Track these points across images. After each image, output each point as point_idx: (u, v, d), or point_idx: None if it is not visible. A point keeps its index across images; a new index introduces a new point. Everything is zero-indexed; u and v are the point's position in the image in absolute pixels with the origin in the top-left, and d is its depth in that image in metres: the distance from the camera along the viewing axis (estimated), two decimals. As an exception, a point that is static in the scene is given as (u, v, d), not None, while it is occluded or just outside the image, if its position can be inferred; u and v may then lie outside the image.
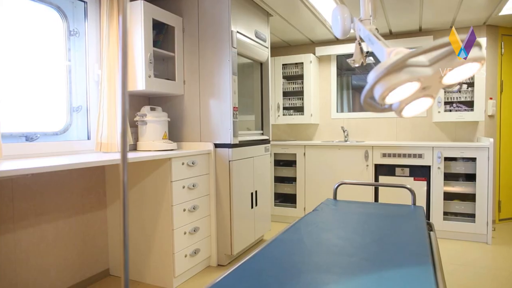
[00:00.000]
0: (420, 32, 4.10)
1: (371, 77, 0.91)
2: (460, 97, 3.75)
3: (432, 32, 4.05)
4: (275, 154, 4.20)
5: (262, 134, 3.46)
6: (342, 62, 4.52)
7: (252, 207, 3.13)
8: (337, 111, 4.47)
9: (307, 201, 4.04)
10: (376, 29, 1.62)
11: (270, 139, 3.50)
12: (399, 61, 0.85)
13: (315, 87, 4.39)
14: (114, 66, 2.52)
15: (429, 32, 4.06)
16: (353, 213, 2.13)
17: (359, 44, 1.70)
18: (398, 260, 1.37)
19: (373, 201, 3.75)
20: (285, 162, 4.27)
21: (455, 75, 0.95)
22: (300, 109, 4.40)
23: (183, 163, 2.55)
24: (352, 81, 4.52)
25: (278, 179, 4.27)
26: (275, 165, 4.24)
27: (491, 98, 3.91)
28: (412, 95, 0.98)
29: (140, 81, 2.58)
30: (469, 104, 3.70)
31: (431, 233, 1.89)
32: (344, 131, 4.27)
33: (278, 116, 4.39)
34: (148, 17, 2.58)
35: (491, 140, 3.30)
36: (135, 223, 2.61)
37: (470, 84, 3.70)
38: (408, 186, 2.33)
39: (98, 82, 2.60)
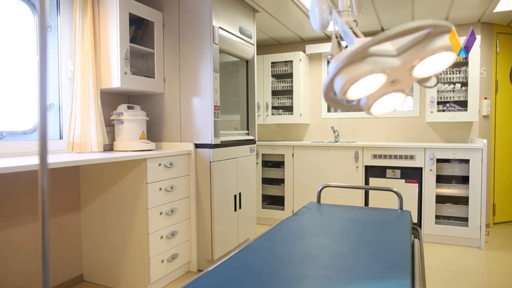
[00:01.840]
0: (413, 29, 3.97)
1: (331, 68, 0.79)
2: (453, 97, 3.63)
3: (425, 29, 3.93)
4: (262, 155, 4.08)
5: (248, 134, 3.34)
6: (333, 61, 4.39)
7: (235, 209, 3.01)
8: (327, 111, 4.35)
9: (295, 203, 3.91)
10: (355, 21, 1.51)
11: (256, 140, 3.38)
12: (360, 49, 0.73)
13: (305, 86, 4.27)
14: (87, 62, 2.40)
15: (422, 30, 3.93)
16: (335, 218, 2.01)
17: (337, 37, 1.58)
18: (374, 272, 1.25)
19: (363, 204, 3.63)
20: (273, 163, 4.15)
21: (427, 67, 0.83)
22: (289, 109, 4.28)
23: (160, 164, 2.43)
24: (344, 80, 4.39)
25: (266, 181, 4.15)
26: (262, 166, 4.11)
27: (485, 98, 3.79)
28: (379, 89, 0.86)
29: (115, 78, 2.45)
30: (463, 104, 3.59)
31: (416, 240, 1.77)
32: (334, 132, 4.15)
33: (267, 115, 4.27)
34: (124, 11, 2.46)
35: (485, 141, 3.18)
36: (109, 226, 2.48)
37: (464, 83, 3.58)
38: (395, 190, 2.21)
39: (71, 79, 2.48)
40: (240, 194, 3.08)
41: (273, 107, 4.33)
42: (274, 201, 4.20)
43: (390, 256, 1.42)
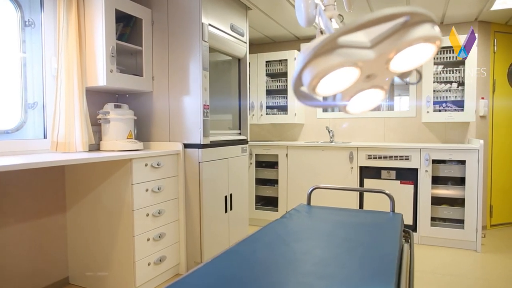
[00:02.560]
0: (409, 28, 3.91)
1: (298, 61, 0.72)
2: (450, 97, 3.56)
3: (422, 28, 3.86)
4: (256, 155, 4.01)
5: (240, 134, 3.27)
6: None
7: (226, 211, 2.95)
8: (323, 111, 4.28)
9: (289, 204, 3.85)
10: (340, 15, 1.44)
11: (248, 139, 3.32)
12: (328, 39, 0.67)
13: (300, 86, 4.20)
14: (72, 60, 2.34)
15: (419, 29, 3.87)
16: (324, 221, 1.94)
17: (321, 33, 1.52)
18: (357, 280, 1.19)
19: (358, 205, 3.57)
20: (267, 163, 4.08)
21: (405, 60, 0.76)
22: (284, 108, 4.21)
23: (146, 165, 2.36)
24: (340, 80, 4.32)
25: (260, 181, 4.08)
26: (256, 166, 4.04)
27: (482, 98, 3.72)
28: (354, 85, 0.80)
29: (101, 76, 2.39)
30: (460, 104, 3.52)
31: (405, 245, 1.71)
32: (329, 132, 4.08)
33: (261, 115, 4.20)
34: (110, 7, 2.40)
35: (481, 142, 3.11)
36: (95, 228, 2.42)
37: (461, 83, 3.52)
38: (387, 192, 2.14)
39: (55, 77, 2.42)
40: (231, 195, 3.02)
41: (268, 107, 4.26)
42: (268, 202, 4.13)
43: (377, 262, 1.35)
